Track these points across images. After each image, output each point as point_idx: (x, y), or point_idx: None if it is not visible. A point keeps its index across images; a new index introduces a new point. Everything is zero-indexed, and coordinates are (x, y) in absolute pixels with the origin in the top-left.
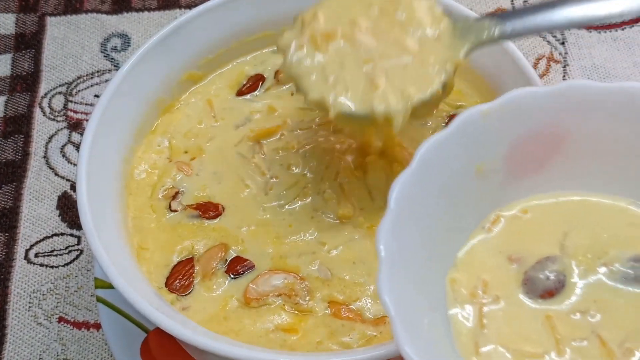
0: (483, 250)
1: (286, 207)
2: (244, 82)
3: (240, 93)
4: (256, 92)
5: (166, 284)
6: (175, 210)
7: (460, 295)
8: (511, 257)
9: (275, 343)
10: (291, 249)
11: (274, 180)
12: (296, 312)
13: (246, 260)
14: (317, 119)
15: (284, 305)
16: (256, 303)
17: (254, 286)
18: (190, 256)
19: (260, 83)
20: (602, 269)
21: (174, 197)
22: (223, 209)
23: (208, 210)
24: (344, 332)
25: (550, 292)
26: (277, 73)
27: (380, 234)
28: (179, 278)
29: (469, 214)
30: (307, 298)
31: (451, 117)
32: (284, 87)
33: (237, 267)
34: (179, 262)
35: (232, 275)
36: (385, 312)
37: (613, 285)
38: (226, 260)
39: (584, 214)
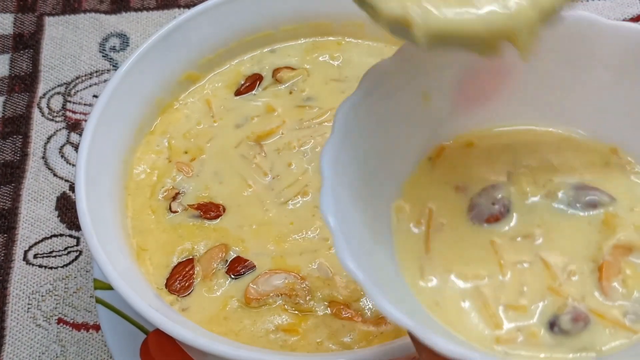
0: (429, 181)
1: (288, 205)
2: (242, 82)
3: (238, 93)
4: (254, 92)
5: (166, 285)
6: (175, 211)
7: (405, 222)
8: (457, 187)
9: (276, 343)
10: (293, 247)
11: (276, 179)
12: (296, 312)
13: (247, 260)
14: (314, 119)
15: (284, 305)
16: (256, 303)
17: (254, 286)
18: (190, 257)
19: (258, 82)
20: (546, 195)
21: (174, 197)
22: (224, 209)
23: (209, 210)
24: (344, 332)
25: (496, 216)
26: (274, 72)
27: (323, 155)
28: (179, 279)
29: (415, 144)
30: (308, 298)
31: None
32: (282, 86)
33: (237, 267)
34: (179, 263)
35: (232, 276)
36: (328, 229)
37: (557, 209)
38: (227, 260)
39: (528, 143)
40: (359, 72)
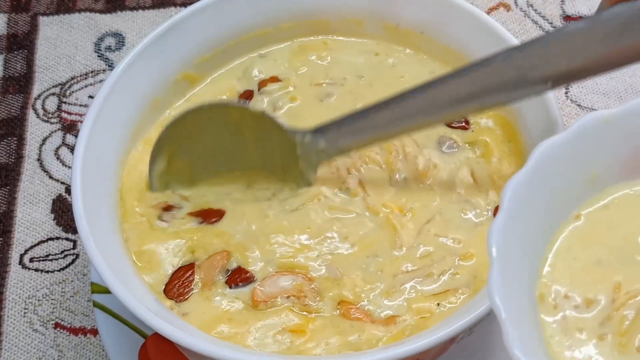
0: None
1: (291, 207)
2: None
3: None
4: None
5: (165, 290)
6: (174, 215)
7: (549, 300)
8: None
9: (283, 345)
10: (297, 248)
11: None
12: (304, 313)
13: (247, 272)
14: None
15: (291, 306)
16: (264, 305)
17: (262, 288)
18: (191, 262)
19: (249, 100)
20: None
21: (169, 208)
22: (224, 213)
23: (210, 216)
24: (352, 333)
25: None
26: (260, 85)
27: (492, 233)
28: (178, 285)
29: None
30: (317, 299)
31: None
32: (265, 101)
33: (237, 278)
34: (179, 268)
35: (232, 287)
36: (496, 314)
37: None
38: (228, 270)
39: None
40: (345, 74)
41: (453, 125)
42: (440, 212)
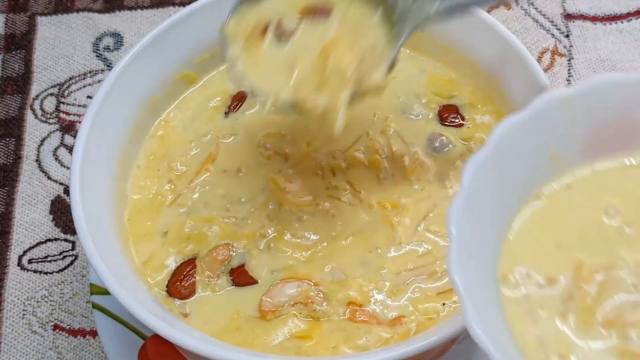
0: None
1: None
2: (229, 103)
3: (227, 114)
4: (243, 110)
5: (167, 289)
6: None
7: (511, 279)
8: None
9: (291, 351)
10: (302, 256)
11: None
12: (309, 319)
13: (250, 276)
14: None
15: (298, 313)
16: (272, 315)
17: (269, 299)
18: (192, 257)
19: (241, 103)
20: None
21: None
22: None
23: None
24: (359, 335)
25: None
26: None
27: (451, 214)
28: (180, 280)
29: (519, 190)
30: (325, 304)
31: (443, 108)
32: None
33: (239, 279)
34: (181, 264)
35: (235, 285)
36: (455, 291)
37: None
38: (231, 266)
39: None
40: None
41: (446, 123)
42: (435, 208)
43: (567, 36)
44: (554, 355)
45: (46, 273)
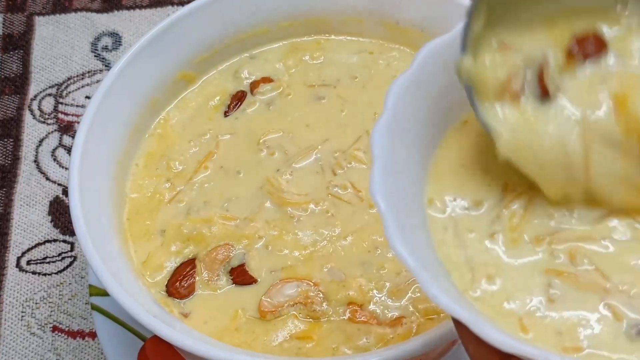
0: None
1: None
2: (229, 102)
3: (227, 114)
4: (243, 108)
5: (167, 289)
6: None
7: (437, 204)
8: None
9: (290, 352)
10: (300, 256)
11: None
12: (310, 319)
13: (250, 276)
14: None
15: (298, 313)
16: (272, 316)
17: (268, 299)
18: (192, 257)
19: (241, 102)
20: None
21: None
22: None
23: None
24: (359, 335)
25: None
26: (252, 86)
27: (375, 134)
28: (180, 280)
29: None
30: (324, 304)
31: None
32: (258, 100)
33: (239, 278)
34: (181, 265)
35: (235, 283)
36: (377, 209)
37: None
38: (231, 267)
39: None
40: (339, 75)
41: None
42: None
43: None
44: (482, 276)
45: (45, 274)
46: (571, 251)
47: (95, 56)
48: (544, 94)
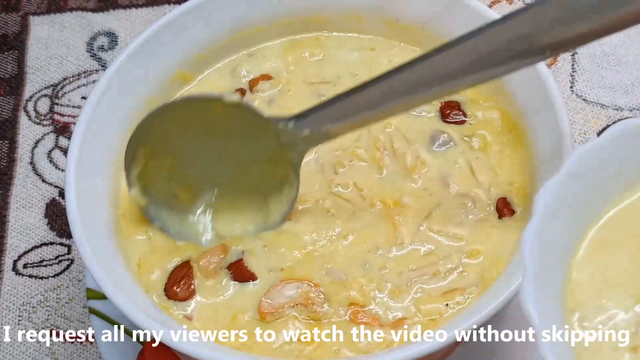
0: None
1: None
2: None
3: None
4: None
5: (165, 291)
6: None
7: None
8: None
9: (291, 354)
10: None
11: None
12: (311, 320)
13: (249, 271)
14: None
15: (298, 315)
16: (272, 317)
17: (268, 300)
18: (187, 259)
19: (242, 97)
20: None
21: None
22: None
23: None
24: (361, 337)
25: None
26: (251, 84)
27: (526, 239)
28: (178, 281)
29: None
30: (326, 305)
31: (445, 104)
32: (258, 98)
33: (238, 273)
34: (178, 266)
35: (235, 281)
36: (529, 321)
37: None
38: (228, 264)
39: None
40: (339, 72)
41: (448, 119)
42: (438, 207)
43: None
44: None
45: (42, 278)
46: None
47: (91, 56)
48: None
